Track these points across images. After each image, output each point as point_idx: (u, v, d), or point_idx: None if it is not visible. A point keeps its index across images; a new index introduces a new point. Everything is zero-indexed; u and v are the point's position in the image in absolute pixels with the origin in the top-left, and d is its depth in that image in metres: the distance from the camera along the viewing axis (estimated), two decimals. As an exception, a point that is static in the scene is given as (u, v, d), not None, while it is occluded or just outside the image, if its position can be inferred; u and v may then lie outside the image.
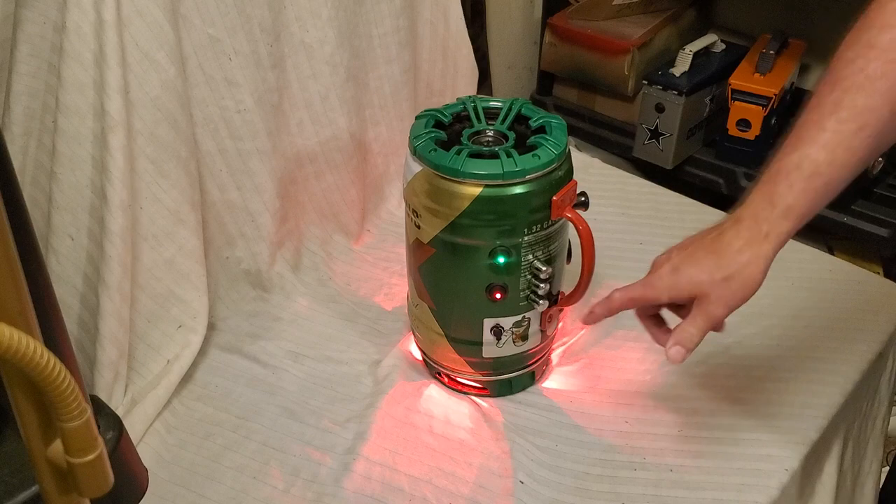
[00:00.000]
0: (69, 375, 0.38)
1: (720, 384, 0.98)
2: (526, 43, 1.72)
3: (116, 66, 0.86)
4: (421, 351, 1.01)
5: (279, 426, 0.95)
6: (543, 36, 1.63)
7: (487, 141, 0.89)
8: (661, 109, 1.48)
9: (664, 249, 0.80)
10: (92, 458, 0.41)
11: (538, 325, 0.93)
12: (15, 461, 0.54)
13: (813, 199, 0.71)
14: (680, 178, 1.54)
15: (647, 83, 1.49)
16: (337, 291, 1.14)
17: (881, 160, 1.37)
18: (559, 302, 0.92)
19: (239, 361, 1.03)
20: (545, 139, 0.86)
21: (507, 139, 0.88)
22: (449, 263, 0.89)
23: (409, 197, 0.89)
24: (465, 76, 1.35)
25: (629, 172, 1.40)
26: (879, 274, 1.35)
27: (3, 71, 0.86)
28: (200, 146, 1.01)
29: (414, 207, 0.89)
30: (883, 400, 1.10)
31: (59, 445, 0.41)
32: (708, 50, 1.53)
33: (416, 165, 0.87)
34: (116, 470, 0.44)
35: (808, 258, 1.16)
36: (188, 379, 1.00)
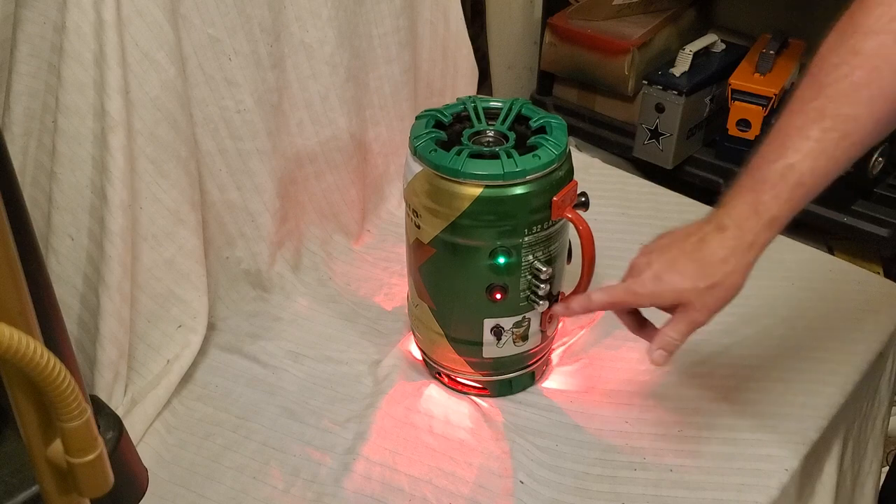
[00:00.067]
0: (69, 375, 0.38)
1: (720, 384, 0.98)
2: (526, 43, 1.72)
3: (116, 66, 0.86)
4: (421, 351, 1.01)
5: (279, 426, 0.95)
6: (543, 36, 1.63)
7: (488, 141, 0.89)
8: (661, 109, 1.48)
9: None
10: (92, 458, 0.41)
11: (538, 325, 0.93)
12: (15, 461, 0.54)
13: (795, 207, 0.72)
14: (680, 178, 1.54)
15: (647, 83, 1.49)
16: (337, 291, 1.14)
17: (881, 160, 1.37)
18: (559, 302, 0.92)
19: (239, 361, 1.03)
20: (545, 139, 0.86)
21: (507, 139, 0.88)
22: (449, 264, 0.89)
23: (409, 197, 0.89)
24: (465, 76, 1.35)
25: (629, 172, 1.40)
26: (879, 274, 1.35)
27: (3, 71, 0.86)
28: (200, 146, 1.01)
29: (414, 207, 0.89)
30: (883, 400, 1.10)
31: (59, 445, 0.41)
32: (708, 50, 1.53)
33: (416, 165, 0.87)
34: (116, 470, 0.44)
35: (808, 258, 1.16)
36: (188, 379, 1.00)
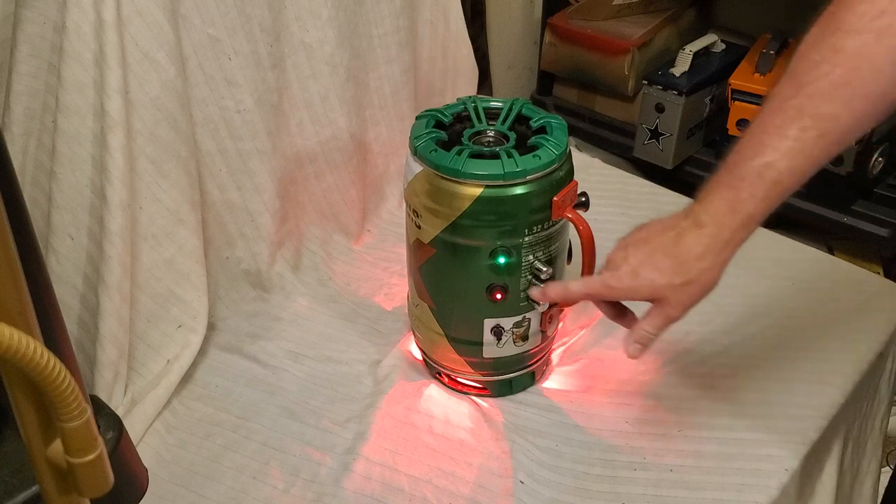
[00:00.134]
0: (69, 375, 0.38)
1: (720, 384, 0.97)
2: (526, 43, 1.72)
3: (116, 66, 0.86)
4: (421, 351, 1.01)
5: (279, 426, 0.94)
6: (543, 36, 1.63)
7: (488, 141, 0.89)
8: (661, 109, 1.48)
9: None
10: (92, 458, 0.41)
11: (538, 325, 0.93)
12: (15, 461, 0.54)
13: (771, 206, 0.73)
14: (680, 178, 1.53)
15: (647, 83, 1.49)
16: (337, 291, 1.14)
17: (881, 160, 1.37)
18: (559, 302, 0.92)
19: (239, 361, 1.03)
20: (546, 139, 0.86)
21: (507, 139, 0.88)
22: (449, 264, 0.89)
23: (409, 197, 0.89)
24: (465, 76, 1.35)
25: (629, 172, 1.40)
26: (879, 274, 1.35)
27: (3, 71, 0.86)
28: (200, 146, 1.01)
29: (414, 208, 0.89)
30: (883, 400, 1.10)
31: (59, 445, 0.41)
32: (708, 50, 1.52)
33: (416, 166, 0.87)
34: (116, 470, 0.44)
35: (808, 258, 1.16)
36: (188, 379, 1.00)
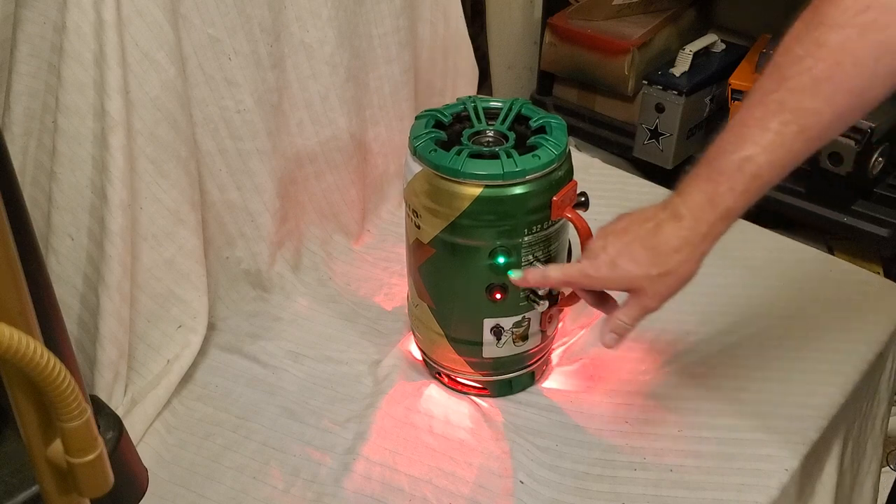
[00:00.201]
0: (69, 375, 0.38)
1: (720, 384, 0.97)
2: (526, 43, 1.72)
3: (116, 66, 0.86)
4: (421, 351, 1.01)
5: (279, 426, 0.94)
6: (543, 36, 1.63)
7: (487, 141, 0.89)
8: (661, 109, 1.48)
9: None
10: (92, 458, 0.41)
11: (538, 325, 0.93)
12: (15, 461, 0.54)
13: (750, 199, 0.73)
14: (680, 178, 1.53)
15: (647, 83, 1.49)
16: (337, 291, 1.14)
17: (881, 160, 1.37)
18: (559, 302, 0.92)
19: (239, 361, 1.03)
20: (545, 139, 0.86)
21: (507, 139, 0.88)
22: (449, 263, 0.89)
23: (409, 197, 0.89)
24: (465, 76, 1.35)
25: (629, 172, 1.39)
26: (879, 274, 1.35)
27: (3, 71, 0.86)
28: (200, 146, 1.01)
29: (414, 208, 0.89)
30: (883, 400, 1.10)
31: (59, 445, 0.41)
32: (708, 50, 1.52)
33: (416, 166, 0.87)
34: (116, 470, 0.44)
35: (808, 258, 1.16)
36: (188, 379, 1.00)
